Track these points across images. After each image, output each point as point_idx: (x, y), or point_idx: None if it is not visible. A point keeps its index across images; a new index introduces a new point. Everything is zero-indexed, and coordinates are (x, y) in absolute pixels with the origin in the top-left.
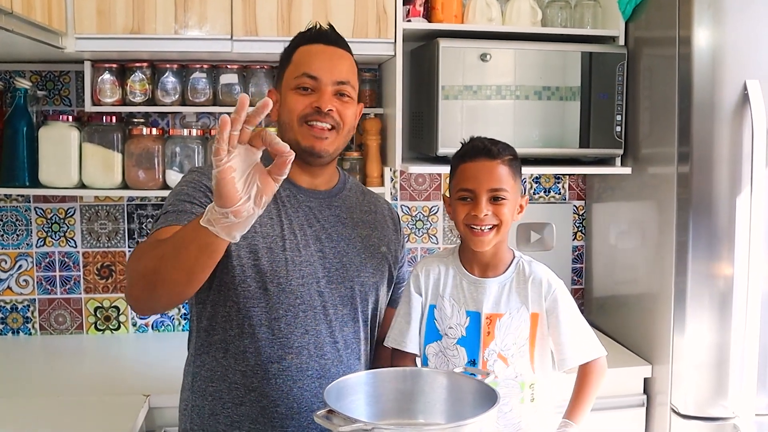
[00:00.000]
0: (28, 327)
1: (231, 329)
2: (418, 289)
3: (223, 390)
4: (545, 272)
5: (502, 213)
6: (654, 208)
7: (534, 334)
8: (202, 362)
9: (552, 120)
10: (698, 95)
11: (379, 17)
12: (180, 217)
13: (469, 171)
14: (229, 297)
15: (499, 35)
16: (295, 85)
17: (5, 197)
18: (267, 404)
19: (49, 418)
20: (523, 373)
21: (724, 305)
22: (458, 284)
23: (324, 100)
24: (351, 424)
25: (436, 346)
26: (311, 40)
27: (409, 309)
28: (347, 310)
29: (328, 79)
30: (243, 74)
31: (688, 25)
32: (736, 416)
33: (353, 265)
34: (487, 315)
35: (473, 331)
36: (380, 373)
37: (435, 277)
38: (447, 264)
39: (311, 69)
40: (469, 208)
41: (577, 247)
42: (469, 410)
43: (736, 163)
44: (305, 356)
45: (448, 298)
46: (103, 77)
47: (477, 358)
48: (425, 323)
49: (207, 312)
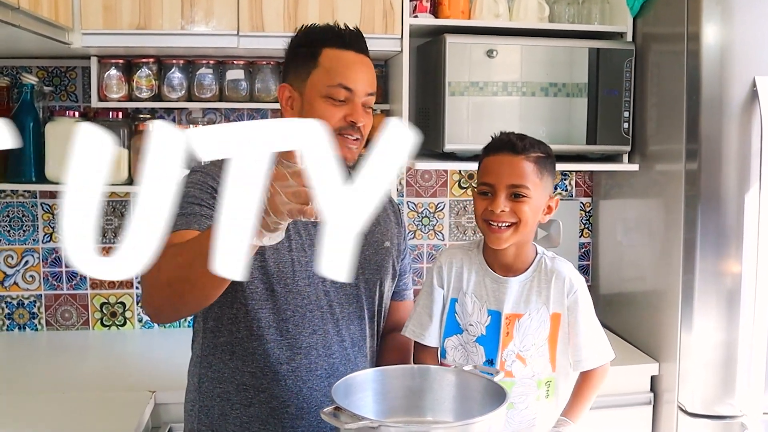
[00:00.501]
0: (35, 323)
1: (238, 331)
2: (441, 282)
3: (231, 391)
4: (569, 270)
5: (521, 211)
6: (661, 205)
7: (555, 333)
8: (209, 364)
9: (559, 116)
10: (706, 92)
11: (386, 13)
12: (189, 220)
13: (491, 165)
14: (236, 299)
15: (506, 31)
16: (327, 93)
17: (12, 193)
18: (277, 405)
19: (54, 413)
20: (541, 372)
21: (732, 303)
22: (481, 281)
23: (359, 114)
24: (358, 421)
25: (455, 339)
26: (341, 44)
27: (430, 302)
28: (353, 308)
29: (362, 92)
30: (249, 70)
31: (697, 21)
32: (744, 414)
33: (357, 262)
34: (507, 315)
35: (493, 331)
36: (388, 370)
37: (458, 270)
38: (471, 258)
39: (347, 81)
40: (488, 203)
41: (583, 244)
42: (477, 408)
43: (744, 160)
44: (314, 356)
45: (471, 294)
46: (110, 73)
47: (495, 358)
48: (446, 316)
49: (213, 313)
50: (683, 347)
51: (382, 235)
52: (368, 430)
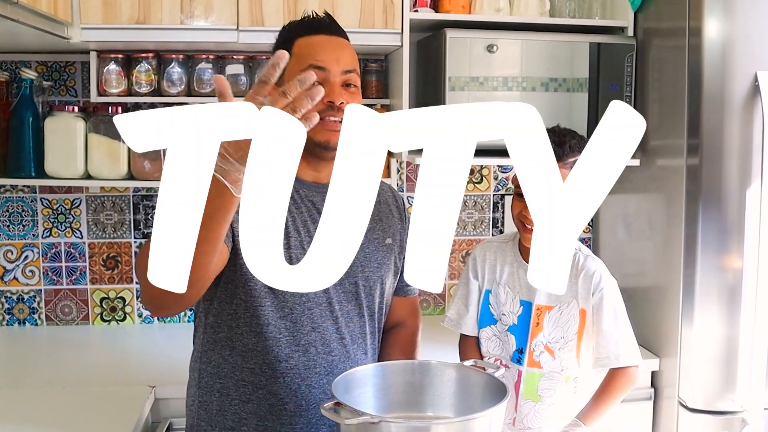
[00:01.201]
0: (34, 318)
1: (238, 327)
2: (475, 274)
3: (230, 387)
4: (599, 267)
5: None
6: (663, 200)
7: (582, 329)
8: (209, 359)
9: (559, 112)
10: (708, 87)
11: (386, 7)
12: None
13: None
14: (236, 294)
15: (507, 26)
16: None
17: (11, 188)
18: (275, 402)
19: (54, 408)
20: (569, 367)
21: (733, 298)
22: (514, 272)
23: (335, 93)
24: (358, 416)
25: (489, 330)
26: (310, 31)
27: (467, 292)
28: (352, 306)
29: (336, 70)
30: (249, 64)
31: (699, 15)
32: (745, 410)
33: (357, 260)
34: (538, 306)
35: (524, 321)
36: (388, 365)
37: (491, 262)
38: (505, 250)
39: (318, 60)
40: (522, 207)
41: (584, 240)
42: (478, 404)
43: (746, 155)
44: (312, 353)
45: (504, 285)
46: (109, 67)
47: (525, 347)
48: (480, 307)
49: (214, 309)
50: (684, 343)
51: (384, 232)
52: (368, 425)
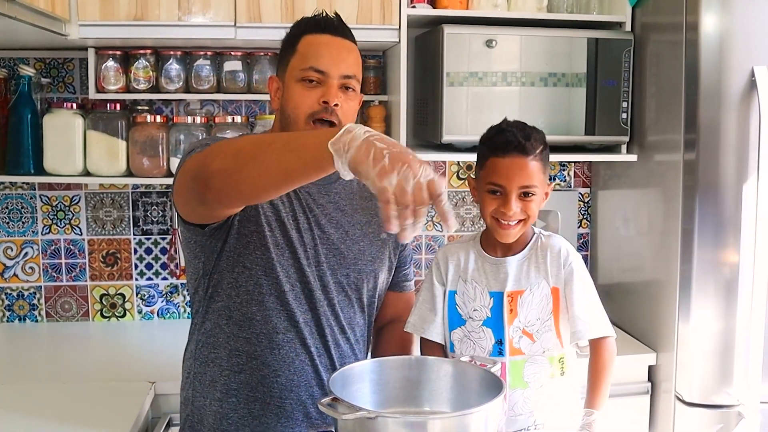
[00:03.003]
0: (35, 314)
1: (238, 296)
2: (439, 277)
3: (223, 357)
4: (563, 244)
5: (530, 208)
6: (660, 195)
7: (557, 307)
8: (205, 330)
9: (557, 107)
10: (705, 82)
11: (384, 3)
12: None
13: (501, 167)
14: (238, 262)
15: (505, 21)
16: (300, 77)
17: (10, 185)
18: (268, 373)
19: (55, 404)
20: (551, 348)
21: (730, 293)
22: (479, 267)
23: (331, 94)
24: (355, 412)
25: (460, 331)
26: (318, 29)
27: (431, 297)
28: (343, 297)
29: (336, 73)
30: (247, 61)
31: (696, 10)
32: (741, 404)
33: (351, 253)
34: (509, 293)
35: (497, 312)
36: (386, 361)
37: (455, 262)
38: (468, 249)
39: (319, 62)
40: (498, 204)
41: (582, 235)
42: (474, 399)
43: (742, 150)
44: (307, 332)
45: (470, 281)
46: (107, 64)
47: (503, 338)
48: (446, 310)
49: (213, 279)
50: (681, 337)
51: (379, 226)
52: (365, 420)
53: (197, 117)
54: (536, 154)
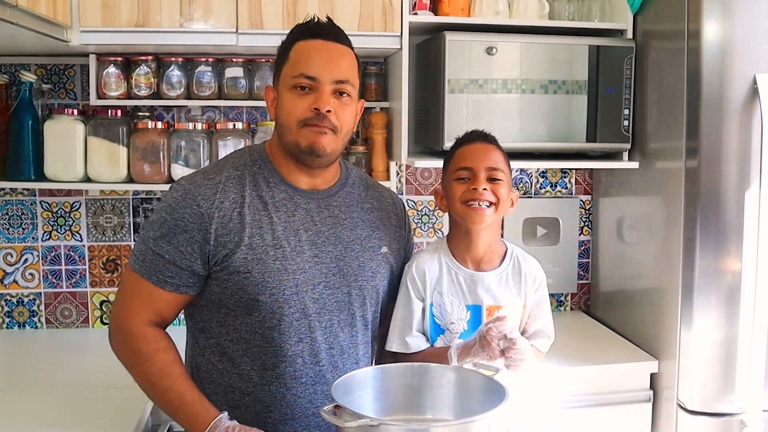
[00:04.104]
0: (34, 320)
1: (227, 334)
2: (418, 293)
3: (219, 392)
4: (536, 265)
5: (499, 192)
6: (661, 202)
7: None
8: (198, 364)
9: (559, 114)
10: (707, 89)
11: (385, 10)
12: (157, 277)
13: (468, 152)
14: (222, 304)
15: (506, 28)
16: (292, 84)
17: (11, 191)
18: (260, 409)
19: (55, 411)
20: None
21: (732, 300)
22: (454, 279)
23: (323, 100)
24: (358, 419)
25: (440, 340)
26: (309, 35)
27: (409, 312)
28: (344, 315)
29: (327, 79)
30: (248, 68)
31: (697, 18)
32: (744, 412)
33: (351, 270)
34: (488, 307)
35: (474, 325)
36: (388, 368)
37: (430, 273)
38: (439, 258)
39: (309, 69)
40: (467, 186)
41: (583, 242)
42: (477, 406)
43: (744, 158)
44: (299, 364)
45: (446, 293)
46: (108, 71)
47: None
48: (428, 321)
49: (203, 316)
50: (683, 345)
51: (380, 240)
52: (368, 428)
53: (198, 123)
54: (498, 148)
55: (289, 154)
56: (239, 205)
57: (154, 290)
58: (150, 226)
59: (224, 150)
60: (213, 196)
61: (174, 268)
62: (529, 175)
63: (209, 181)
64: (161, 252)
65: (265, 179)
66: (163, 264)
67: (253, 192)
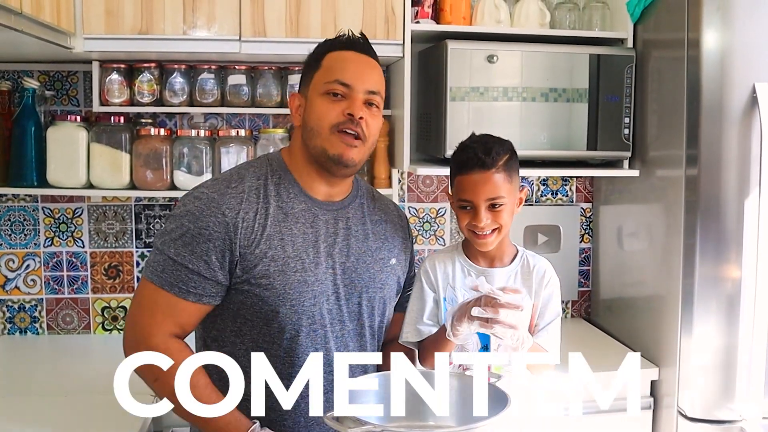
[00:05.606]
0: (36, 326)
1: (242, 343)
2: (430, 285)
3: None
4: (546, 265)
5: (501, 218)
6: (662, 210)
7: (532, 323)
8: (208, 372)
9: (559, 122)
10: (707, 98)
11: (388, 18)
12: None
13: (466, 183)
14: (239, 314)
15: (507, 37)
16: (325, 90)
17: (13, 197)
18: (275, 417)
19: (56, 417)
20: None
21: (732, 308)
22: (467, 276)
23: (356, 106)
24: (361, 426)
25: None
26: (343, 46)
27: (422, 303)
28: (353, 326)
29: (360, 87)
30: (251, 75)
31: (697, 27)
32: (744, 419)
33: (362, 281)
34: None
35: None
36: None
37: (443, 270)
38: (453, 258)
39: (344, 76)
40: (470, 217)
41: (584, 250)
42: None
43: (744, 166)
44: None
45: (459, 288)
46: (111, 77)
47: (489, 343)
48: (441, 314)
49: (217, 326)
50: (683, 352)
51: (389, 252)
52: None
53: (201, 130)
54: (498, 167)
55: (313, 160)
56: (262, 216)
57: (175, 301)
58: (168, 235)
59: (227, 157)
60: (238, 206)
61: (197, 277)
62: (530, 183)
63: (233, 190)
64: (183, 261)
65: (286, 190)
66: (186, 274)
67: (275, 203)
